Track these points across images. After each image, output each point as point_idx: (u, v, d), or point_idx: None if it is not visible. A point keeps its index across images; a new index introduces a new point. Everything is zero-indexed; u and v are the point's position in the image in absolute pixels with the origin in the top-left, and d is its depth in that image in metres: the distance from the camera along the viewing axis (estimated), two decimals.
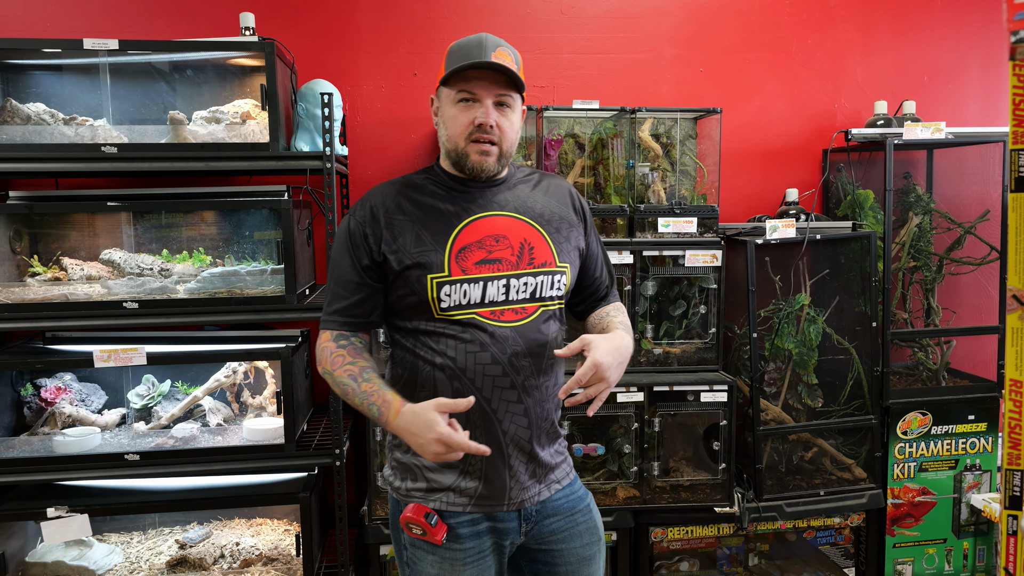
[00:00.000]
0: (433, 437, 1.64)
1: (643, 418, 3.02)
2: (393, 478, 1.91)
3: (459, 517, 1.82)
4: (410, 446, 1.73)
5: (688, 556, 3.33)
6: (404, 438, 1.72)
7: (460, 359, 1.79)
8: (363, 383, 1.77)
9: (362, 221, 1.84)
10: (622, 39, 3.40)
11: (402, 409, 1.71)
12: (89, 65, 2.83)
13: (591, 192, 3.14)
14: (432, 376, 1.81)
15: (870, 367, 3.20)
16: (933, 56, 3.59)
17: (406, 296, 1.81)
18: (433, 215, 1.84)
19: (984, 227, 3.34)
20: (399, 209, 1.85)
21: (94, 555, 2.91)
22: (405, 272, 1.80)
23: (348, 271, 1.84)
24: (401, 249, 1.80)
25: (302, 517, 2.82)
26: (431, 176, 1.92)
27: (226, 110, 2.83)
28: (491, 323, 1.80)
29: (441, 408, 1.66)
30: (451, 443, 1.64)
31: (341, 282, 1.85)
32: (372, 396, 1.75)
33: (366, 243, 1.82)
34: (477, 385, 1.79)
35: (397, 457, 1.90)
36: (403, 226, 1.82)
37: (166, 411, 2.97)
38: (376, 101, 3.30)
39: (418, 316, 1.82)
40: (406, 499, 1.86)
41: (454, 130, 1.82)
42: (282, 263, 2.77)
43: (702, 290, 3.13)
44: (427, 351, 1.81)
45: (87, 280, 2.81)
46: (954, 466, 3.32)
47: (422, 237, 1.81)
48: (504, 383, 1.80)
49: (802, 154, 3.54)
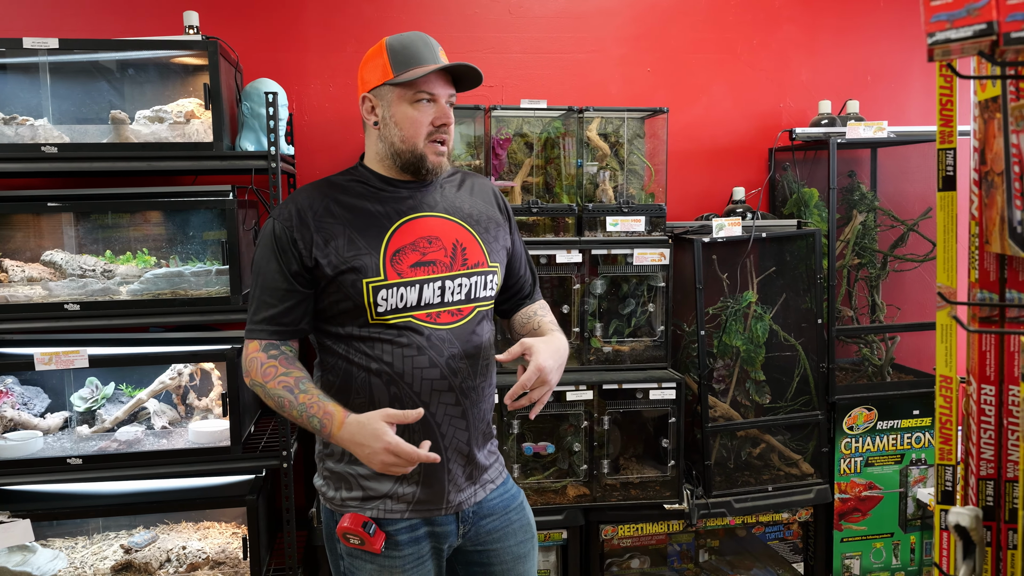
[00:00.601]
0: (381, 447, 1.62)
1: (592, 416, 3.03)
2: (326, 488, 1.86)
3: (397, 524, 1.80)
4: (355, 456, 1.70)
5: (639, 553, 3.36)
6: (350, 449, 1.68)
7: (397, 364, 1.76)
8: (300, 394, 1.72)
9: (289, 225, 1.76)
10: (570, 39, 3.41)
11: (346, 420, 1.67)
12: (29, 64, 2.79)
13: (540, 191, 3.15)
14: (367, 382, 1.77)
15: (816, 363, 3.24)
16: (877, 57, 3.64)
17: (339, 301, 1.77)
18: (363, 217, 1.81)
19: (927, 224, 3.39)
20: (328, 212, 1.79)
21: (37, 560, 2.86)
22: (339, 277, 1.75)
23: (275, 277, 1.77)
24: (333, 253, 1.75)
25: (249, 520, 2.81)
26: (356, 177, 1.87)
27: (169, 109, 2.80)
28: (427, 326, 1.78)
29: (389, 418, 1.64)
30: (400, 453, 1.61)
31: (268, 289, 1.78)
32: (311, 408, 1.70)
33: (295, 248, 1.75)
34: (415, 390, 1.77)
35: (330, 467, 1.85)
36: (334, 229, 1.77)
37: (110, 414, 2.93)
38: (324, 100, 3.29)
39: (351, 321, 1.78)
40: (341, 509, 1.82)
41: (412, 131, 1.78)
42: (227, 264, 2.75)
43: (651, 288, 3.16)
44: (361, 357, 1.78)
45: (28, 282, 2.77)
46: (900, 461, 3.37)
47: (355, 240, 1.77)
48: (442, 386, 1.79)
49: (748, 153, 3.58)
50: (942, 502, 1.86)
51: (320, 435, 1.74)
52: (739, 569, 3.37)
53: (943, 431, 1.83)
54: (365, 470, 1.79)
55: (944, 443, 1.84)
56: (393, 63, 1.77)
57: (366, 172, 1.87)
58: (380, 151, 1.85)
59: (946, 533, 1.89)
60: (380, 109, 1.81)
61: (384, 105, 1.80)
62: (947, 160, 1.70)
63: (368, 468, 1.75)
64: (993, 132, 1.50)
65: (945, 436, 1.83)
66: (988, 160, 1.53)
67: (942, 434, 1.85)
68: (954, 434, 1.82)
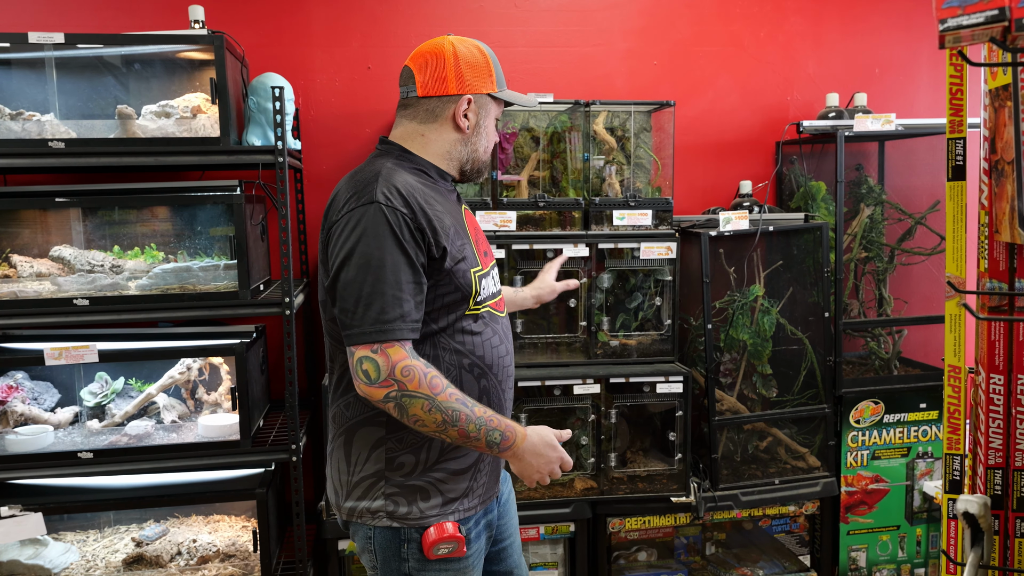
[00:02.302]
0: (557, 457, 1.73)
1: (600, 410, 3.04)
2: (395, 506, 1.73)
3: (469, 521, 1.79)
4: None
5: (646, 546, 3.36)
6: (523, 459, 1.70)
7: (487, 356, 1.77)
8: (476, 408, 1.64)
9: (411, 211, 1.64)
10: (576, 32, 3.41)
11: (528, 432, 1.71)
12: (35, 59, 2.80)
13: (547, 186, 3.15)
14: (459, 378, 1.73)
15: (823, 357, 3.24)
16: (884, 49, 3.64)
17: (448, 293, 1.70)
18: (448, 205, 1.78)
19: (935, 217, 3.39)
20: (428, 199, 1.71)
21: (50, 554, 2.88)
22: (455, 266, 1.70)
23: (404, 269, 1.61)
24: (450, 241, 1.70)
25: (259, 513, 2.81)
26: (415, 164, 1.80)
27: (176, 104, 2.81)
28: (498, 314, 1.84)
29: (558, 436, 1.76)
30: (565, 465, 1.76)
31: (394, 283, 1.60)
32: (492, 421, 1.64)
33: (422, 237, 1.65)
34: (499, 379, 1.81)
35: (399, 482, 1.73)
36: (443, 217, 1.71)
37: (120, 409, 2.94)
38: (330, 95, 3.29)
39: (445, 315, 1.72)
40: (420, 523, 1.72)
41: (489, 143, 1.87)
42: (235, 259, 2.76)
43: (657, 282, 3.16)
44: (450, 355, 1.73)
45: (37, 277, 2.78)
46: (906, 454, 3.37)
47: (457, 229, 1.75)
48: (510, 372, 1.87)
49: (755, 146, 3.58)
50: (950, 491, 1.86)
51: (492, 450, 1.67)
52: (745, 562, 3.38)
53: (951, 420, 1.84)
54: (443, 474, 1.75)
55: (952, 432, 1.84)
56: (497, 77, 1.83)
57: (422, 161, 1.82)
58: (454, 152, 1.83)
59: (954, 522, 1.89)
60: (475, 116, 1.81)
61: (482, 114, 1.83)
62: (957, 150, 1.70)
63: (445, 472, 1.75)
64: (1004, 121, 1.50)
65: (953, 425, 1.83)
66: (998, 149, 1.53)
67: (950, 423, 1.85)
68: (962, 423, 1.82)
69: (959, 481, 1.84)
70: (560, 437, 1.76)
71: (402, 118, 1.84)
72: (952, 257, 1.74)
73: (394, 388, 1.58)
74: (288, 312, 2.75)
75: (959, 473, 1.83)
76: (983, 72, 1.66)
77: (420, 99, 1.80)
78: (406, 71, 1.82)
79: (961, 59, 1.48)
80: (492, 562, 1.99)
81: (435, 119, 1.80)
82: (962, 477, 1.85)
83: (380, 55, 3.29)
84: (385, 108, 3.31)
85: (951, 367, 1.78)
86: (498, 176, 3.02)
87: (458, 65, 1.77)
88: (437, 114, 1.80)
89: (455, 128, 1.80)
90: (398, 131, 1.85)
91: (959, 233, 1.74)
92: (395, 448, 1.73)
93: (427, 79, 1.78)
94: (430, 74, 1.78)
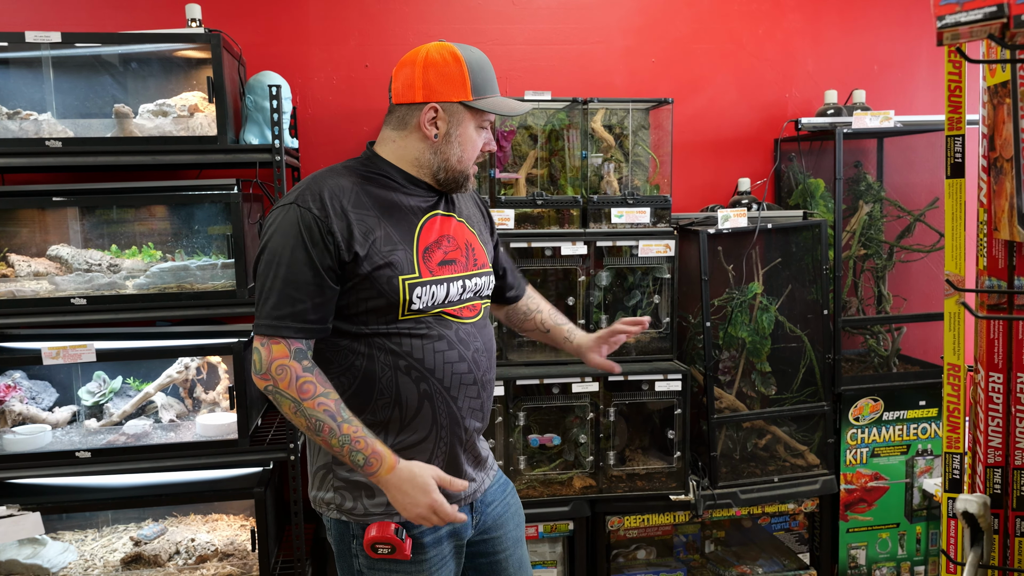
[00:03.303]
0: (427, 503, 1.63)
1: (599, 408, 3.03)
2: (341, 499, 1.76)
3: (421, 527, 1.75)
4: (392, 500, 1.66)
5: (645, 544, 3.36)
6: (388, 491, 1.65)
7: (428, 359, 1.74)
8: (344, 424, 1.62)
9: (323, 215, 1.65)
10: (574, 30, 3.41)
11: (397, 466, 1.64)
12: (32, 58, 2.79)
13: (545, 183, 3.14)
14: (394, 381, 1.72)
15: (822, 354, 3.24)
16: (883, 46, 3.63)
17: (370, 299, 1.69)
18: (394, 210, 1.76)
19: (933, 215, 3.38)
20: (360, 202, 1.71)
21: (48, 553, 2.88)
22: (375, 273, 1.68)
23: (302, 269, 1.64)
24: (371, 247, 1.68)
25: (257, 512, 2.81)
26: (376, 169, 1.80)
27: (173, 103, 2.80)
28: (455, 320, 1.80)
29: (439, 479, 1.66)
30: (440, 512, 1.63)
31: (292, 282, 1.63)
32: (357, 444, 1.62)
33: (331, 240, 1.65)
34: (445, 384, 1.76)
35: (344, 476, 1.76)
36: (369, 221, 1.70)
37: (118, 408, 2.94)
38: (327, 93, 3.29)
39: (377, 319, 1.72)
40: (363, 519, 1.74)
41: (470, 153, 1.81)
42: (233, 257, 2.75)
43: (656, 280, 3.15)
44: (387, 356, 1.72)
45: (34, 277, 2.77)
46: (906, 451, 3.37)
47: (390, 234, 1.72)
48: (468, 380, 1.80)
49: (754, 144, 3.57)
50: (949, 490, 1.86)
51: (359, 471, 1.65)
52: (745, 560, 3.37)
53: (951, 419, 1.83)
54: None
55: (952, 431, 1.84)
56: (473, 85, 1.76)
57: (388, 167, 1.80)
58: (424, 160, 1.80)
59: (953, 521, 1.89)
60: (444, 124, 1.77)
61: (453, 123, 1.78)
62: (955, 147, 1.69)
63: None
64: (1003, 118, 1.49)
65: (953, 424, 1.83)
66: (997, 146, 1.53)
67: (950, 422, 1.84)
68: (962, 422, 1.82)
69: (959, 480, 1.83)
70: (448, 485, 1.67)
71: (384, 124, 1.85)
72: (951, 255, 1.74)
73: (270, 383, 1.64)
74: None
75: (959, 472, 1.83)
76: (981, 69, 1.65)
77: (395, 106, 1.81)
78: (390, 78, 1.83)
79: (960, 56, 1.47)
80: (483, 573, 1.95)
81: (405, 126, 1.79)
82: (962, 476, 1.85)
83: (378, 53, 3.29)
84: (382, 107, 3.30)
85: (950, 365, 1.78)
86: (496, 174, 3.01)
87: (425, 73, 1.74)
88: (406, 121, 1.79)
89: (423, 136, 1.78)
90: (380, 135, 1.86)
91: (958, 231, 1.73)
92: None
93: (399, 86, 1.78)
94: (400, 80, 1.78)
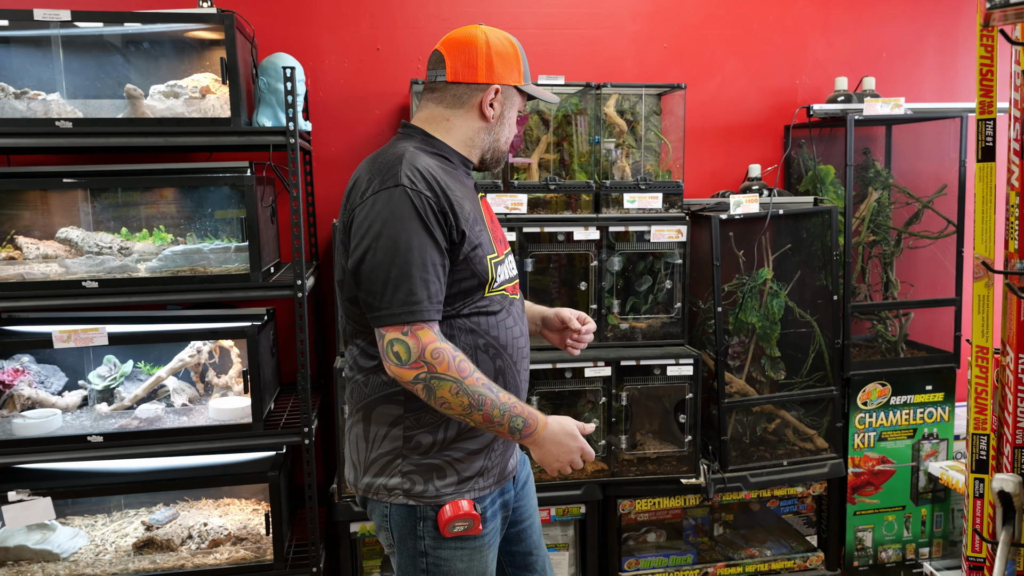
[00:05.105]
0: (577, 446, 1.75)
1: (610, 392, 3.04)
2: (411, 484, 1.75)
3: (484, 500, 1.81)
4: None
5: (655, 527, 3.38)
6: (543, 447, 1.72)
7: (501, 336, 1.79)
8: (500, 394, 1.67)
9: (434, 194, 1.66)
10: (585, 14, 3.39)
11: (549, 421, 1.73)
12: (40, 37, 2.75)
13: (557, 168, 3.14)
14: (474, 359, 1.74)
15: (831, 339, 3.25)
16: (891, 33, 3.64)
17: (464, 279, 1.72)
18: (467, 191, 1.79)
19: (941, 201, 3.40)
20: (448, 184, 1.71)
21: (58, 538, 2.86)
22: (472, 252, 1.71)
23: (431, 252, 1.63)
24: (470, 228, 1.71)
25: (271, 496, 2.80)
26: (435, 148, 1.80)
27: (185, 84, 2.77)
28: (512, 297, 1.87)
29: (579, 427, 1.77)
30: (587, 455, 1.77)
31: (423, 265, 1.62)
32: (515, 408, 1.67)
33: (444, 219, 1.66)
34: (514, 360, 1.83)
35: (415, 461, 1.75)
36: (463, 203, 1.71)
37: (129, 392, 2.92)
38: (338, 76, 3.26)
39: (463, 300, 1.74)
40: (435, 501, 1.74)
41: (510, 135, 1.89)
42: (246, 240, 2.73)
43: (667, 265, 3.16)
44: (467, 335, 1.75)
45: (44, 259, 2.74)
46: (912, 435, 3.40)
47: (475, 215, 1.75)
48: (525, 353, 1.89)
49: (764, 130, 3.58)
50: (976, 471, 1.88)
51: (516, 435, 1.69)
52: (753, 542, 3.40)
53: (978, 401, 1.85)
54: (460, 453, 1.76)
55: (979, 413, 1.86)
56: (524, 71, 1.85)
57: (444, 146, 1.82)
58: (477, 140, 1.84)
59: (979, 501, 1.91)
60: (500, 106, 1.83)
61: (507, 105, 1.85)
62: (987, 131, 1.70)
63: (461, 451, 1.76)
64: None
65: (980, 406, 1.85)
66: None
67: (977, 404, 1.86)
68: (989, 403, 1.83)
69: (985, 461, 1.85)
70: (583, 430, 1.77)
71: (428, 101, 1.85)
72: (981, 238, 1.75)
73: (424, 370, 1.61)
74: (301, 295, 2.73)
75: (986, 453, 1.85)
76: (1014, 53, 1.66)
77: (448, 84, 1.81)
78: (436, 55, 1.83)
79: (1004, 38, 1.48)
80: (511, 542, 2.01)
81: (462, 105, 1.81)
82: (988, 456, 1.87)
83: (389, 37, 3.26)
84: (394, 90, 3.28)
85: (979, 347, 1.79)
86: (510, 159, 3.01)
87: (490, 54, 1.79)
88: (464, 100, 1.81)
89: (480, 116, 1.82)
90: (422, 114, 1.85)
91: (988, 214, 1.75)
92: (413, 427, 1.75)
93: (458, 65, 1.79)
94: (461, 60, 1.79)
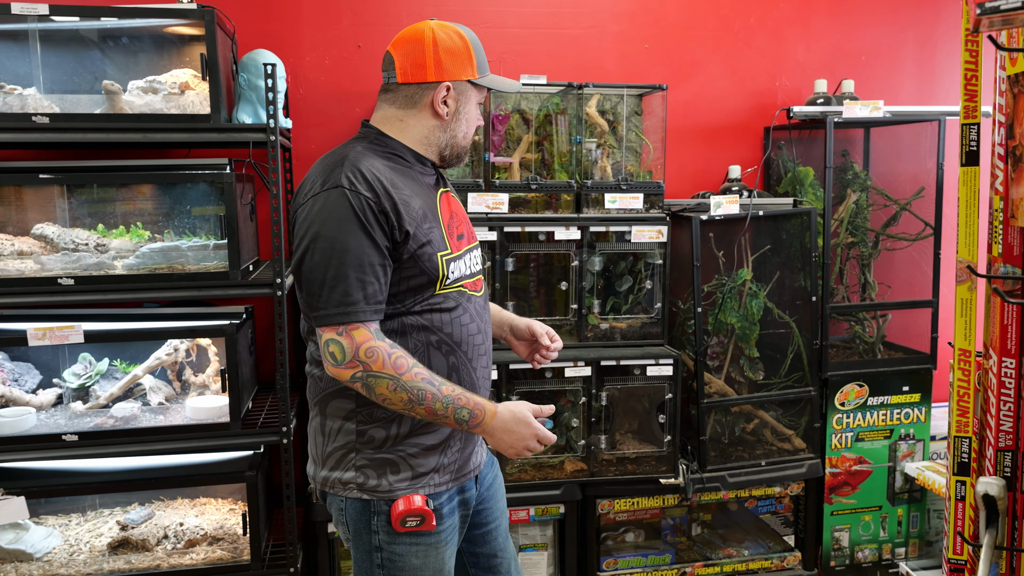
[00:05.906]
0: (531, 432, 1.74)
1: (591, 392, 3.04)
2: (364, 478, 1.76)
3: (440, 497, 1.80)
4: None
5: (634, 527, 3.39)
6: (496, 436, 1.73)
7: (456, 333, 1.79)
8: (442, 386, 1.68)
9: (374, 195, 1.66)
10: (568, 14, 3.39)
11: (498, 410, 1.72)
12: (17, 31, 2.71)
13: (538, 168, 3.13)
14: (426, 355, 1.75)
15: (809, 340, 3.28)
16: (871, 37, 3.66)
17: (412, 277, 1.72)
18: (420, 188, 1.79)
19: (918, 204, 3.43)
20: (395, 183, 1.71)
21: (31, 538, 2.82)
22: (419, 250, 1.71)
23: (369, 252, 1.64)
24: (417, 226, 1.70)
25: (248, 496, 2.78)
26: (389, 148, 1.81)
27: (164, 80, 2.74)
28: (471, 293, 1.85)
29: (534, 411, 1.77)
30: (543, 439, 1.76)
31: (360, 266, 1.63)
32: (459, 400, 1.68)
33: (386, 219, 1.66)
34: (469, 356, 1.82)
35: (368, 456, 1.76)
36: (410, 201, 1.71)
37: (104, 390, 2.88)
38: (319, 73, 3.24)
39: (414, 297, 1.74)
40: (388, 495, 1.75)
41: (471, 129, 1.88)
42: (225, 238, 2.71)
43: (648, 265, 3.16)
44: (419, 332, 1.75)
45: (19, 256, 2.70)
46: (889, 436, 3.42)
47: (425, 212, 1.75)
48: (483, 350, 1.87)
49: (744, 131, 3.60)
50: (958, 473, 1.90)
51: (464, 426, 1.70)
52: (731, 542, 3.42)
53: (960, 403, 1.87)
54: (414, 448, 1.77)
55: (961, 416, 1.87)
56: (478, 63, 1.83)
57: (399, 146, 1.82)
58: (433, 138, 1.84)
59: (961, 504, 1.93)
60: (454, 102, 1.82)
61: (462, 100, 1.83)
62: (971, 135, 1.71)
63: (416, 447, 1.76)
64: (1023, 107, 1.52)
65: (962, 408, 1.86)
66: (1017, 135, 1.55)
67: (959, 406, 1.88)
68: (971, 406, 1.85)
69: (967, 463, 1.87)
70: (539, 412, 1.78)
71: (383, 102, 1.85)
72: (965, 242, 1.76)
73: (359, 369, 1.63)
74: (280, 293, 2.71)
75: (967, 455, 1.86)
76: (1000, 59, 1.67)
77: (400, 85, 1.81)
78: (387, 57, 1.83)
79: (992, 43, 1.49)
80: (476, 544, 2.00)
81: (414, 105, 1.81)
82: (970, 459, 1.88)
83: (371, 34, 3.25)
84: (375, 88, 3.25)
85: (961, 350, 1.81)
86: (491, 158, 3.00)
87: (437, 52, 1.77)
88: (416, 100, 1.81)
89: (434, 115, 1.81)
90: (378, 115, 1.86)
91: (971, 218, 1.76)
92: (365, 421, 1.76)
93: (406, 65, 1.79)
94: (409, 60, 1.79)
